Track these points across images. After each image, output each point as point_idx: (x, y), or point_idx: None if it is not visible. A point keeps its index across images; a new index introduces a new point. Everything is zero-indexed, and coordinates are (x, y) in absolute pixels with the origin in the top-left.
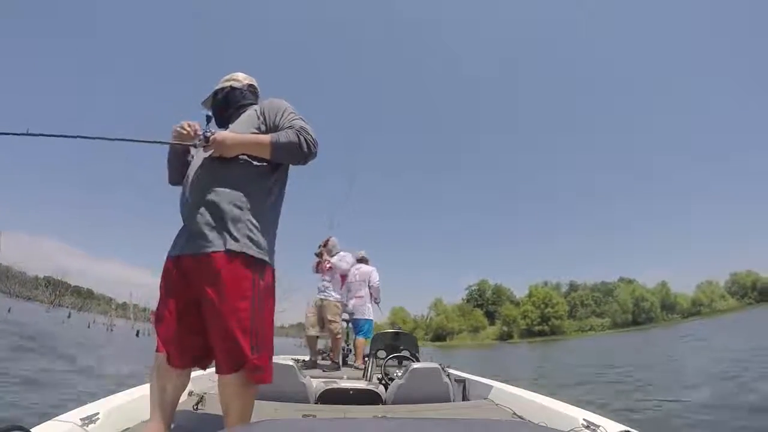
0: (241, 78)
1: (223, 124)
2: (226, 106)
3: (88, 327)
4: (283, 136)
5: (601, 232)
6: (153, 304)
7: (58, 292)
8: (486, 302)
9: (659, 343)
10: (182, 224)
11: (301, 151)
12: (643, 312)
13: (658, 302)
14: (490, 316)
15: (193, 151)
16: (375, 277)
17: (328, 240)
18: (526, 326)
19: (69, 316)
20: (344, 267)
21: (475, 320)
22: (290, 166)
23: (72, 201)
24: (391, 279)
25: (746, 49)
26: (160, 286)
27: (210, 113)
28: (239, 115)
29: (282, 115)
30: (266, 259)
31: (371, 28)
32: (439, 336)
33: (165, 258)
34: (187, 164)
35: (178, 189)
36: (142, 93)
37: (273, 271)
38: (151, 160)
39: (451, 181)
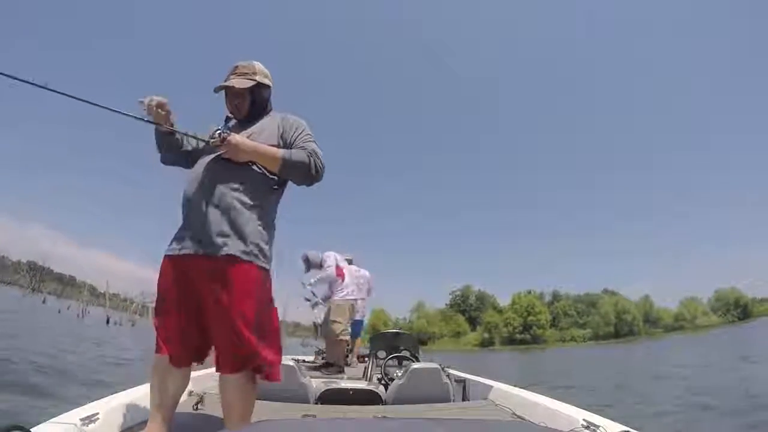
0: (267, 73)
1: (240, 119)
2: (255, 105)
3: (59, 312)
4: (295, 155)
5: (587, 243)
6: (132, 294)
7: (38, 278)
8: (469, 308)
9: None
10: (182, 221)
11: (309, 174)
12: (625, 325)
13: (641, 316)
14: (473, 322)
15: (189, 143)
16: (372, 282)
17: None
18: (508, 334)
19: (44, 302)
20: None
21: (456, 325)
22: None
23: (66, 188)
24: (375, 281)
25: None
26: (159, 285)
27: (233, 114)
28: (260, 119)
29: (299, 134)
30: (269, 267)
31: (346, 25)
32: (420, 340)
33: (163, 256)
34: (177, 146)
35: (162, 184)
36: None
37: (270, 277)
38: (147, 149)
39: (441, 182)
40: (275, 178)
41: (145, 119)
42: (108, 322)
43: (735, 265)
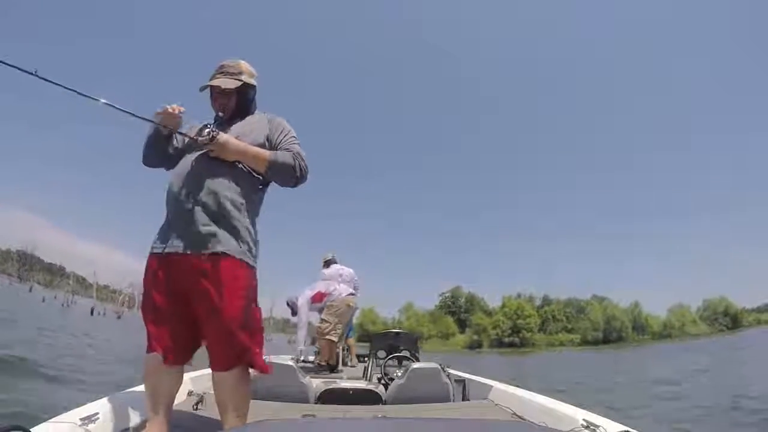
0: (253, 73)
1: (225, 119)
2: (241, 105)
3: (43, 301)
4: (281, 157)
5: (577, 247)
6: (122, 285)
7: (27, 267)
8: (458, 310)
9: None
10: (168, 217)
11: (294, 175)
12: (613, 331)
13: (630, 322)
14: (462, 324)
15: (178, 142)
16: (356, 279)
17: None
18: (497, 336)
19: (30, 290)
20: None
21: (445, 327)
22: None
23: (61, 181)
24: (365, 280)
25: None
26: (146, 283)
27: (221, 113)
28: (245, 119)
29: (284, 136)
30: (256, 265)
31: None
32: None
33: (149, 254)
34: (168, 150)
35: (153, 177)
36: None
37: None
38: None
39: (434, 183)
40: (260, 177)
41: (146, 118)
42: (92, 312)
43: (726, 273)
